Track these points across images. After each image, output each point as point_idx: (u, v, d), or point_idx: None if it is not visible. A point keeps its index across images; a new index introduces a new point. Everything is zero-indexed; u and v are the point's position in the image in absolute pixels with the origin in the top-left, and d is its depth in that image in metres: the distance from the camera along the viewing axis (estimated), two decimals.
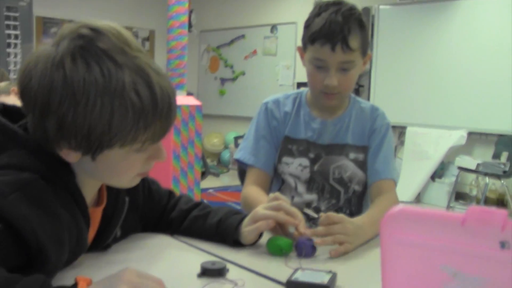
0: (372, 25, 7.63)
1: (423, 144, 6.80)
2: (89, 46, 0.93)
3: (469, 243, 0.67)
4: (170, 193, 1.47)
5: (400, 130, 7.21)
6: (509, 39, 6.43)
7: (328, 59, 1.61)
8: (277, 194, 1.36)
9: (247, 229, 1.29)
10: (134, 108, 0.93)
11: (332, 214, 1.35)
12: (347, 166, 1.76)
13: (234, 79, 9.53)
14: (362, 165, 1.77)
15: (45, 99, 0.92)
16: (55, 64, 0.92)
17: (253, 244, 1.31)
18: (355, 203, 1.80)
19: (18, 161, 0.96)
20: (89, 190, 1.10)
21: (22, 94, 0.97)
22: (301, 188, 1.78)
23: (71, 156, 0.98)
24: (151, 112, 0.95)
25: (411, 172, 6.79)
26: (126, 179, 1.08)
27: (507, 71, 6.43)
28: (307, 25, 1.66)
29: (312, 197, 1.78)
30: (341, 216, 1.36)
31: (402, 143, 7.17)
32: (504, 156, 6.24)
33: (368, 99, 7.62)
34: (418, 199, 6.82)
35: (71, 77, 0.91)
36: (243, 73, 9.33)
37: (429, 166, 6.73)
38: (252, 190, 1.73)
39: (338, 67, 1.62)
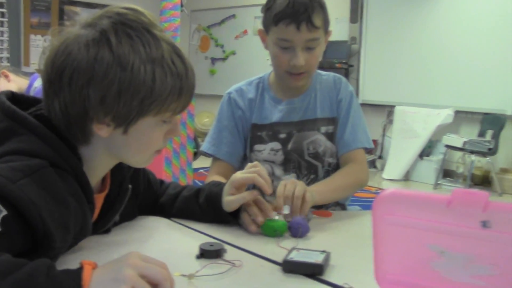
0: (362, 5, 7.66)
1: (412, 122, 6.87)
2: (129, 22, 1.02)
3: (454, 223, 0.72)
4: (162, 182, 1.51)
5: (389, 109, 7.26)
6: (495, 20, 6.48)
7: (294, 38, 1.61)
8: (256, 162, 1.38)
9: (230, 198, 1.32)
10: (172, 74, 1.03)
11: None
12: (320, 140, 1.77)
13: (224, 59, 9.52)
14: (332, 137, 1.78)
15: (89, 70, 0.98)
16: (98, 39, 1.00)
17: (236, 216, 1.35)
18: None
19: (28, 147, 0.98)
20: (95, 177, 1.14)
21: (57, 72, 1.00)
22: (278, 171, 1.78)
23: (103, 130, 1.03)
24: (184, 80, 1.06)
25: (400, 150, 6.87)
26: (147, 155, 1.13)
27: (493, 51, 6.50)
28: (269, 7, 1.66)
29: (290, 177, 1.77)
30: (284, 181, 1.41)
31: (391, 122, 7.23)
32: (489, 134, 6.33)
33: (358, 79, 7.67)
34: (407, 176, 6.89)
35: (116, 48, 0.99)
36: (233, 53, 9.31)
37: (417, 144, 6.80)
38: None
39: (304, 46, 1.63)
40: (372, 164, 7.38)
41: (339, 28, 7.73)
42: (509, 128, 6.35)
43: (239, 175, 1.34)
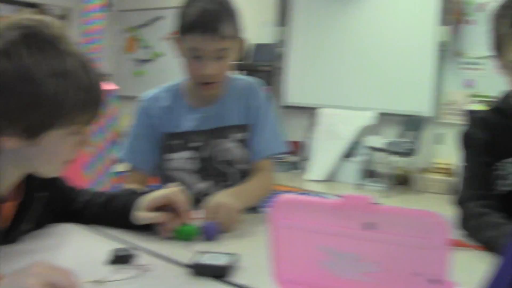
0: (289, 9, 7.78)
1: (336, 124, 7.04)
2: (34, 34, 1.02)
3: (342, 225, 0.77)
4: (75, 188, 1.50)
5: (314, 111, 7.40)
6: (416, 26, 6.75)
7: (203, 48, 1.61)
8: (177, 186, 1.39)
9: (141, 215, 1.33)
10: (76, 87, 1.04)
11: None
12: (232, 147, 1.77)
13: (150, 60, 9.45)
14: (245, 144, 1.79)
15: None
16: (2, 51, 0.99)
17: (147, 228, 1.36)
18: None
19: None
20: (3, 187, 1.14)
21: None
22: (192, 179, 1.77)
23: (10, 142, 1.04)
24: (90, 93, 1.07)
25: (324, 151, 7.03)
26: (56, 166, 1.15)
27: (414, 56, 6.77)
28: (180, 15, 1.66)
29: (206, 185, 1.77)
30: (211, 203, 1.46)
31: (315, 123, 7.37)
32: (410, 135, 6.58)
33: (282, 81, 7.78)
34: (331, 177, 7.05)
35: (20, 61, 0.99)
36: (161, 54, 9.25)
37: (341, 146, 6.98)
38: None
39: (214, 56, 1.63)
40: (296, 165, 7.51)
41: (265, 31, 7.82)
42: (428, 129, 6.61)
43: (159, 196, 1.35)
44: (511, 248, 0.74)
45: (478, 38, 6.06)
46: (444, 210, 1.57)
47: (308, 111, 7.52)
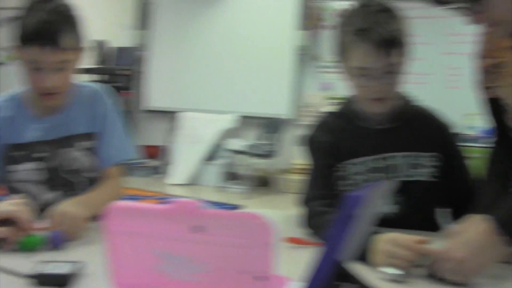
0: (149, 12, 7.73)
1: (197, 128, 7.09)
2: None
3: (172, 229, 0.81)
4: None
5: (176, 115, 7.40)
6: (275, 30, 6.99)
7: (44, 61, 1.57)
8: (20, 199, 1.37)
9: None
10: None
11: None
12: (79, 157, 1.75)
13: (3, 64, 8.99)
14: (93, 152, 1.77)
15: None
16: None
17: None
18: None
19: None
20: None
21: None
22: (39, 190, 1.72)
23: None
24: None
25: (185, 155, 7.06)
26: None
27: (275, 60, 7.00)
28: (19, 25, 1.59)
29: (53, 195, 1.73)
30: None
31: (177, 127, 7.38)
32: (270, 137, 6.79)
33: (143, 85, 7.72)
34: (193, 181, 7.09)
35: None
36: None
37: (202, 149, 7.05)
38: None
39: (55, 68, 1.59)
40: (157, 170, 7.48)
41: (126, 34, 7.72)
42: (288, 131, 6.86)
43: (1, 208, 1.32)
44: (331, 237, 0.82)
45: None
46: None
47: (170, 115, 7.51)
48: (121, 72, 7.60)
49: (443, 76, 6.30)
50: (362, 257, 1.28)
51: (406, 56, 1.56)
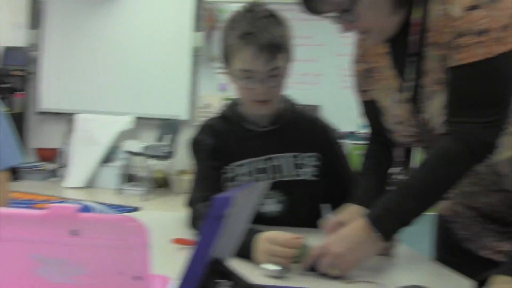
0: (41, 11, 7.50)
1: (93, 130, 6.96)
2: None
3: (50, 233, 0.83)
4: None
5: (71, 117, 7.23)
6: (172, 31, 6.99)
7: None
8: None
9: None
10: None
11: None
12: None
13: None
14: None
15: None
16: None
17: None
18: None
19: None
20: None
21: None
22: None
23: None
24: None
25: (82, 158, 6.91)
26: None
27: (171, 61, 7.01)
28: None
29: None
30: None
31: (73, 129, 7.22)
32: (167, 139, 6.78)
33: (36, 86, 7.49)
34: (90, 183, 6.96)
35: None
36: None
37: (99, 151, 6.93)
38: None
39: None
40: (54, 173, 7.29)
41: (17, 34, 7.44)
42: (185, 132, 6.87)
43: None
44: (202, 237, 0.86)
45: None
46: None
47: (65, 117, 7.33)
48: (12, 73, 7.32)
49: (336, 77, 6.55)
50: (247, 255, 1.33)
51: (290, 61, 1.63)
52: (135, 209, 5.47)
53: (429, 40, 1.29)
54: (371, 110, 1.56)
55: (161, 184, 7.02)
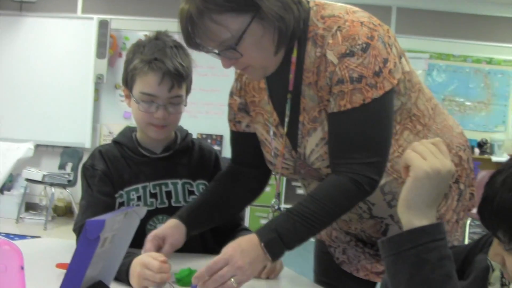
0: None
1: None
2: None
3: None
4: None
5: None
6: (76, 58, 6.92)
7: None
8: None
9: None
10: None
11: None
12: None
13: None
14: None
15: None
16: None
17: None
18: None
19: None
20: None
21: None
22: None
23: None
24: None
25: None
26: None
27: (75, 88, 6.93)
28: None
29: None
30: None
31: None
32: (69, 166, 6.68)
33: None
34: None
35: None
36: None
37: None
38: None
39: None
40: None
41: None
42: None
43: None
44: (73, 260, 0.92)
45: None
46: None
47: None
48: None
49: None
50: (126, 279, 1.39)
51: (189, 89, 1.73)
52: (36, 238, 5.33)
53: (306, 81, 1.40)
54: (239, 140, 1.67)
55: (63, 213, 6.88)
